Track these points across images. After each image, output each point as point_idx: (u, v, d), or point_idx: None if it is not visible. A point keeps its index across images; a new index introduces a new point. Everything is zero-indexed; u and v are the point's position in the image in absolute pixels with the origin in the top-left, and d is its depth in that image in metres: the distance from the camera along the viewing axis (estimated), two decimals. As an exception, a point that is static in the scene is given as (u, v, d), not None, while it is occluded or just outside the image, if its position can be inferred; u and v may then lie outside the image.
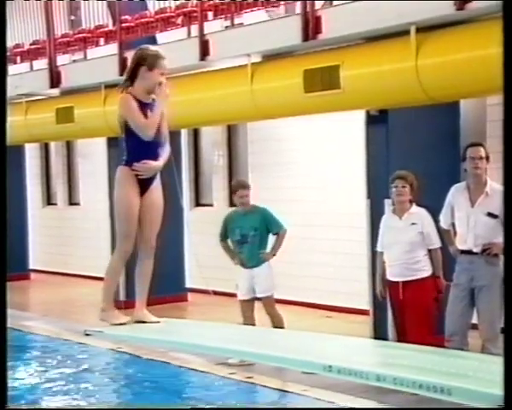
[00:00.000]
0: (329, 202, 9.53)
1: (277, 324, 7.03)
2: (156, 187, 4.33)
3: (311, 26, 7.04)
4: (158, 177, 4.32)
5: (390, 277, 6.08)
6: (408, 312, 5.89)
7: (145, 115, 4.15)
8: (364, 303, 7.67)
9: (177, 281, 10.59)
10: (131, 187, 4.19)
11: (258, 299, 7.19)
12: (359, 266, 7.82)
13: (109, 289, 4.38)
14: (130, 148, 4.21)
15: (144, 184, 4.26)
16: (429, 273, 5.97)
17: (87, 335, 4.50)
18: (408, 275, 5.94)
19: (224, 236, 7.25)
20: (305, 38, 7.11)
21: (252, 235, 7.02)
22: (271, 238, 7.16)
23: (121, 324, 4.29)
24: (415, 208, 6.04)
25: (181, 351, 6.66)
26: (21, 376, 6.73)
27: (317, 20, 7.01)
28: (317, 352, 3.68)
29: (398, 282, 5.99)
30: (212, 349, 4.06)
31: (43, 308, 10.87)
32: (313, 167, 9.72)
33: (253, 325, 7.08)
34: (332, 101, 7.11)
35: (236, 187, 7.17)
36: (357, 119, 7.86)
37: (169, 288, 10.31)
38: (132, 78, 4.21)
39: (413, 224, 5.97)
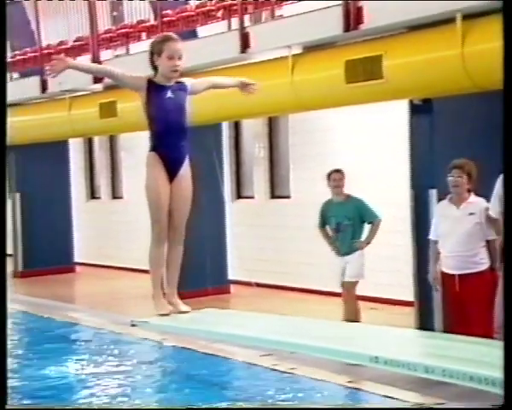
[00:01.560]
0: (371, 192, 9.45)
1: (350, 314, 7.18)
2: (185, 174, 4.31)
3: (353, 17, 6.99)
4: (186, 163, 4.29)
5: (445, 268, 5.91)
6: (468, 306, 5.71)
7: (161, 97, 4.16)
8: (409, 294, 7.61)
9: (219, 273, 10.65)
10: (158, 172, 4.20)
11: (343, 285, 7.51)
12: (403, 257, 7.76)
13: (154, 278, 4.39)
14: (154, 132, 4.23)
15: (172, 169, 4.24)
16: (487, 266, 5.79)
17: (133, 325, 4.55)
18: (465, 268, 5.77)
19: (322, 224, 7.55)
20: (347, 28, 7.07)
21: (346, 224, 7.30)
22: (367, 228, 7.41)
23: (165, 314, 4.31)
24: (473, 198, 5.87)
25: (225, 342, 6.70)
26: (67, 367, 6.85)
27: (359, 10, 6.96)
28: (362, 343, 3.66)
29: (454, 275, 5.83)
30: (256, 340, 4.07)
31: (88, 301, 11.04)
32: (355, 158, 9.67)
33: (356, 309, 7.31)
34: (374, 91, 7.06)
35: (331, 172, 7.49)
36: (400, 108, 7.80)
37: (211, 280, 10.38)
38: (155, 68, 4.25)
39: (471, 214, 5.80)
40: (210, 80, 4.52)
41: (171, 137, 4.17)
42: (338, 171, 7.48)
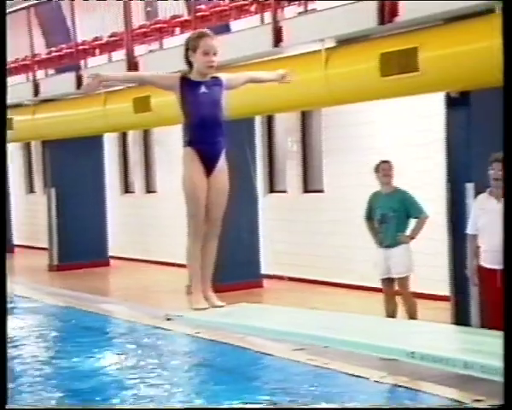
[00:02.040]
0: (406, 186, 9.38)
1: (409, 308, 7.15)
2: (222, 169, 4.32)
3: (388, 9, 6.92)
4: (223, 157, 4.31)
5: (485, 263, 5.83)
6: None
7: (196, 93, 4.16)
8: (445, 289, 7.54)
9: (252, 267, 10.65)
10: (195, 167, 4.22)
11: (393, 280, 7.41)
12: (438, 252, 7.69)
13: (192, 272, 4.41)
14: (190, 128, 4.25)
15: (209, 164, 4.26)
16: None
17: (168, 319, 4.59)
18: None
19: (368, 215, 7.52)
20: (381, 21, 7.00)
21: (390, 216, 7.26)
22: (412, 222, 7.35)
23: (200, 308, 4.33)
24: None
25: (259, 336, 6.71)
26: (103, 360, 6.91)
27: (394, 3, 6.89)
28: (398, 337, 3.63)
29: (495, 269, 5.74)
30: (291, 334, 4.06)
31: (122, 294, 11.13)
32: (389, 152, 9.59)
33: (393, 303, 7.24)
34: (410, 84, 6.98)
35: (379, 163, 7.47)
36: (436, 101, 7.71)
37: (244, 274, 10.39)
38: (190, 64, 4.26)
39: None
40: (247, 75, 4.51)
41: (208, 133, 4.19)
42: (386, 162, 7.45)
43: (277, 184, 11.70)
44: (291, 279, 10.69)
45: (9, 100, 14.26)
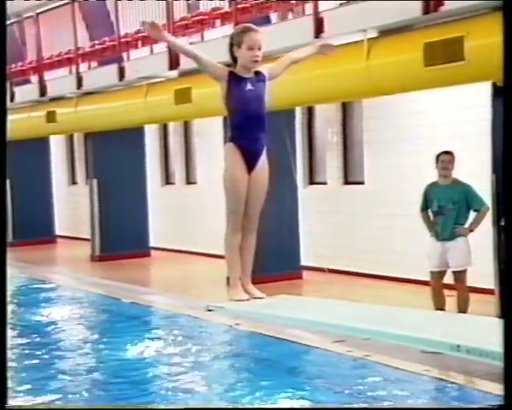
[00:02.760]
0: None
1: (462, 301, 7.03)
2: (263, 165, 4.34)
3: (433, -1, 6.82)
4: (264, 154, 4.32)
5: None
6: None
7: (242, 88, 4.18)
8: (489, 282, 7.43)
9: (292, 259, 10.63)
10: (237, 163, 4.23)
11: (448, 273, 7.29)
12: (483, 244, 7.56)
13: (230, 264, 4.43)
14: (233, 124, 4.26)
15: (251, 160, 4.28)
16: None
17: (209, 310, 4.58)
18: None
19: (424, 206, 7.38)
20: (426, 10, 6.90)
21: (449, 208, 7.12)
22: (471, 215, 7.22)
23: (241, 300, 4.35)
24: None
25: (299, 328, 6.69)
26: (144, 348, 6.96)
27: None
28: (442, 330, 3.58)
29: None
30: (332, 326, 4.03)
31: (163, 285, 11.22)
32: (432, 143, 9.47)
33: (442, 297, 7.14)
34: (455, 74, 6.88)
35: (440, 153, 7.31)
36: (482, 91, 7.58)
37: (284, 266, 10.38)
38: (234, 59, 4.27)
39: None
40: (288, 58, 4.46)
41: (251, 130, 4.21)
42: (448, 153, 7.28)
43: (317, 175, 11.65)
44: (331, 271, 10.64)
45: (53, 93, 14.53)
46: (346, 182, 11.11)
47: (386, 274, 10.18)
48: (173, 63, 10.01)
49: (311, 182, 11.65)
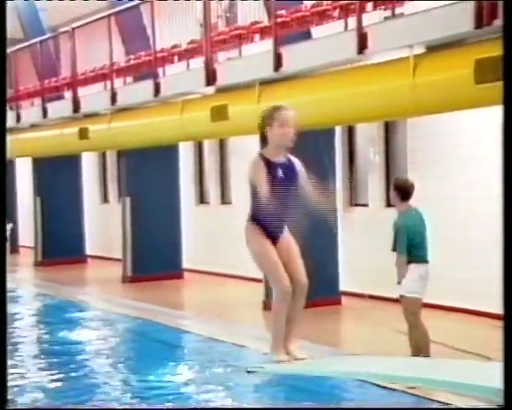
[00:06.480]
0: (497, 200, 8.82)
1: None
2: (286, 235, 4.35)
3: (486, 12, 6.44)
4: (286, 229, 4.32)
5: None
6: None
7: (273, 176, 4.11)
8: None
9: (330, 284, 10.25)
10: (262, 239, 4.25)
11: None
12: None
13: (275, 331, 4.38)
14: (255, 206, 4.22)
15: (273, 237, 4.29)
16: None
17: (248, 372, 4.55)
18: None
19: None
20: (479, 24, 6.52)
21: None
22: None
23: (281, 361, 4.34)
24: None
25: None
26: (175, 374, 6.76)
27: (493, 5, 6.39)
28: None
29: None
30: (380, 377, 3.92)
31: (196, 308, 10.92)
32: (482, 164, 9.03)
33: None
34: (510, 92, 6.47)
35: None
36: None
37: (322, 291, 9.99)
38: (264, 140, 4.23)
39: None
40: (305, 189, 4.36)
41: (276, 219, 4.19)
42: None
43: (358, 197, 11.26)
44: (372, 297, 10.21)
45: (87, 109, 14.35)
46: (389, 204, 10.69)
47: (432, 302, 9.72)
48: (210, 79, 9.74)
49: (352, 204, 11.26)
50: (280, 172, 4.13)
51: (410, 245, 6.79)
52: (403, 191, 6.87)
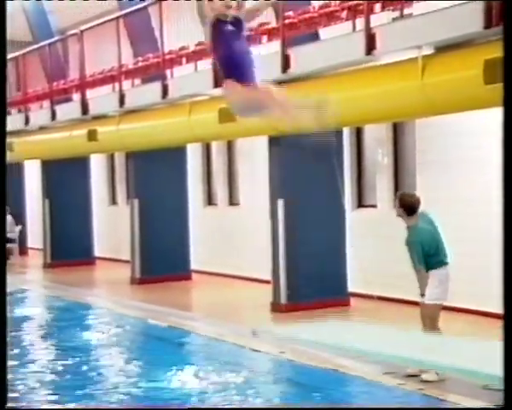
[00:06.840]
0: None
1: None
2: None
3: (495, 12, 6.42)
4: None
5: None
6: None
7: (223, 30, 4.01)
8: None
9: (339, 285, 10.22)
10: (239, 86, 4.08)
11: None
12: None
13: None
14: (224, 62, 4.12)
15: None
16: None
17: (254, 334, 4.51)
18: None
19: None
20: (488, 24, 6.50)
21: None
22: None
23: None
24: None
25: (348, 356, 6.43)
26: (183, 375, 6.77)
27: (502, 5, 6.36)
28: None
29: None
30: (383, 356, 3.84)
31: (204, 309, 10.91)
32: (491, 165, 8.99)
33: None
34: (520, 92, 6.44)
35: None
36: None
37: (330, 292, 10.00)
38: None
39: None
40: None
41: (243, 66, 4.09)
42: None
43: (367, 198, 11.23)
44: (380, 298, 10.18)
45: (95, 111, 14.38)
46: (397, 205, 10.67)
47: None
48: (218, 81, 9.74)
49: (360, 205, 11.23)
50: (229, 27, 4.05)
51: (427, 255, 6.73)
52: (409, 207, 6.80)
